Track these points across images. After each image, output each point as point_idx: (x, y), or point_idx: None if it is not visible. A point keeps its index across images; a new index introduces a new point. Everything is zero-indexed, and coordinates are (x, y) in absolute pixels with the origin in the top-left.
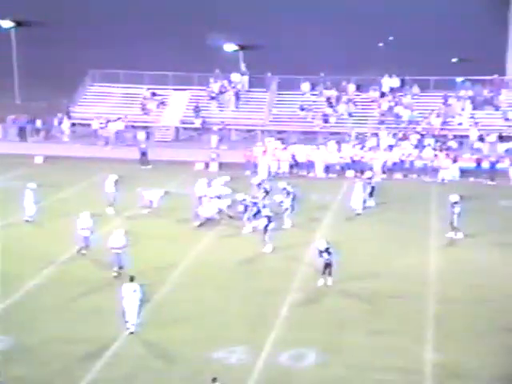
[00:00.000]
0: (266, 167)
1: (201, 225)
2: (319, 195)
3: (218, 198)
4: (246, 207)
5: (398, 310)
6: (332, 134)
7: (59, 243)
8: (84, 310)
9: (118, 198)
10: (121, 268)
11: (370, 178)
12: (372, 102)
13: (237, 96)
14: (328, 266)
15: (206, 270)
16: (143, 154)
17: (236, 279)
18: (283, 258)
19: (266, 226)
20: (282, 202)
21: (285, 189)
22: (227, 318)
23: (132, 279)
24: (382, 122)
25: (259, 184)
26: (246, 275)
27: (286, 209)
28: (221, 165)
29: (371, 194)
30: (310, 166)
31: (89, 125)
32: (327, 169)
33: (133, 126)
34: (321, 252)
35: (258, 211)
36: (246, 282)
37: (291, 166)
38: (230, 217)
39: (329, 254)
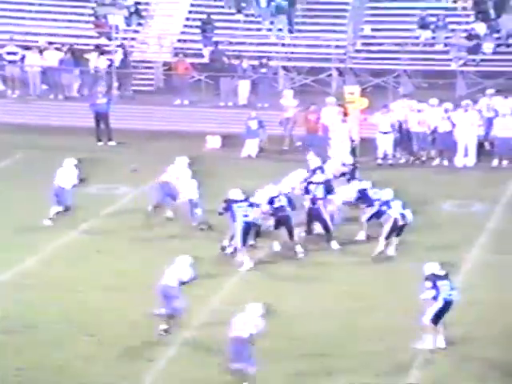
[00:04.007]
0: (346, 146)
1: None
2: (457, 203)
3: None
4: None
5: None
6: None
7: None
8: None
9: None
10: None
11: None
12: None
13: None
14: None
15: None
16: (100, 116)
17: None
18: None
19: None
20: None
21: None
22: None
23: None
24: None
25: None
26: None
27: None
28: (261, 145)
29: None
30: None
31: None
32: (479, 150)
33: (77, 61)
34: None
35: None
36: None
37: (396, 145)
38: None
39: None
